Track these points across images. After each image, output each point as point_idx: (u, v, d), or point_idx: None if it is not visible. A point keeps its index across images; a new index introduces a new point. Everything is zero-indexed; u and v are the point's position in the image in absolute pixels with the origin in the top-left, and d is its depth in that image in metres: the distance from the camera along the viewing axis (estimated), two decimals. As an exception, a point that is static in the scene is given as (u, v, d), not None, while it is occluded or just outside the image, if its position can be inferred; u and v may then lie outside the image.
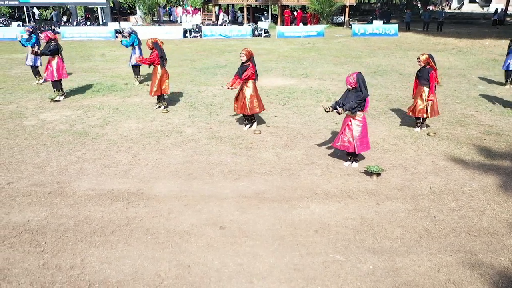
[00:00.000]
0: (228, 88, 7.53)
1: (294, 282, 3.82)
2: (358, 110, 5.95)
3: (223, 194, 5.49)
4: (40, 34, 9.96)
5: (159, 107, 9.35)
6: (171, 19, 40.34)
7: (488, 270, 3.95)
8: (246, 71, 7.43)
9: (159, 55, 8.93)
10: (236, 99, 7.86)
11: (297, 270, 3.98)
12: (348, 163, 6.38)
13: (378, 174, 5.94)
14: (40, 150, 6.88)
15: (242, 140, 7.43)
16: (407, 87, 11.40)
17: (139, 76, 12.14)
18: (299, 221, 4.85)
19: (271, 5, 36.13)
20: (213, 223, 4.78)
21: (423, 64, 7.47)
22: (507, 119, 8.61)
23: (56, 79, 9.85)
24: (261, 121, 8.43)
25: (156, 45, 8.99)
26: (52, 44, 9.68)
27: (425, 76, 7.51)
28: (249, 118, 8.00)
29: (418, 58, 7.54)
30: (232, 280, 3.83)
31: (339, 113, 5.97)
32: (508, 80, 11.62)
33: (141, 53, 11.91)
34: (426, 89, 7.54)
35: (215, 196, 5.41)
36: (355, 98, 5.84)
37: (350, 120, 6.08)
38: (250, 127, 8.00)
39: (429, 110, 7.60)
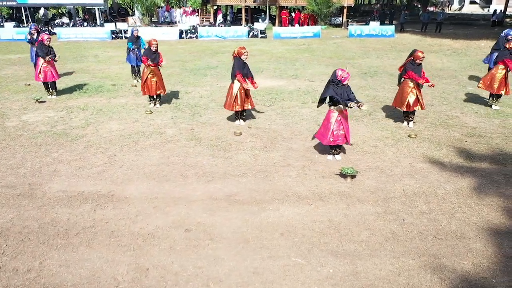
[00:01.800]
0: (256, 87, 7.92)
1: (252, 285, 3.78)
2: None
3: (194, 196, 5.45)
4: (44, 35, 10.05)
5: (155, 104, 9.44)
6: (169, 20, 40.28)
7: (449, 274, 3.90)
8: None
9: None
10: (236, 97, 7.91)
11: (256, 274, 3.94)
12: (331, 156, 6.45)
13: (353, 176, 5.90)
14: (16, 151, 6.86)
15: (222, 141, 7.40)
16: (396, 88, 11.32)
17: (138, 75, 12.21)
18: (267, 223, 4.81)
19: (268, 6, 36.12)
20: (179, 226, 4.74)
21: (420, 62, 7.60)
22: (491, 120, 8.55)
23: (57, 79, 10.36)
24: (243, 122, 8.39)
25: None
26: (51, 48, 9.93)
27: (419, 71, 7.59)
28: (243, 113, 8.37)
29: (423, 56, 7.67)
30: (189, 284, 3.80)
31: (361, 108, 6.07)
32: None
33: (140, 54, 12.05)
34: (414, 83, 7.76)
35: (185, 198, 5.38)
36: (350, 92, 6.13)
37: (339, 116, 6.22)
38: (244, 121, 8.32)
39: (421, 101, 7.86)
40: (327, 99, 6.32)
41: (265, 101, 10.19)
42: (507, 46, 9.01)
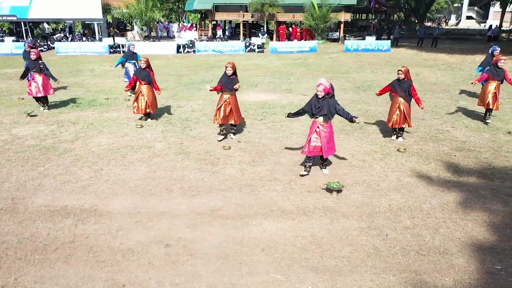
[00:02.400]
0: (211, 90, 7.78)
1: (228, 302, 3.72)
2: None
3: (178, 210, 5.41)
4: (32, 50, 10.08)
5: (146, 119, 9.45)
6: (168, 35, 40.71)
7: (429, 291, 3.84)
8: (237, 83, 7.74)
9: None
10: (219, 110, 7.89)
11: (233, 290, 3.88)
12: (306, 172, 6.44)
13: (339, 191, 5.86)
14: (3, 165, 6.83)
15: (210, 155, 7.38)
16: (389, 102, 11.35)
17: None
18: (248, 239, 4.76)
19: (265, 21, 36.46)
20: (160, 241, 4.70)
21: (403, 76, 7.54)
22: (481, 135, 8.54)
23: (42, 95, 10.23)
24: (234, 136, 8.38)
25: (149, 64, 9.16)
26: (40, 62, 9.91)
27: (406, 88, 7.56)
28: (232, 127, 8.28)
29: (400, 70, 7.58)
30: (164, 301, 3.73)
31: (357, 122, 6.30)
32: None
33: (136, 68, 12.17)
34: (402, 100, 7.58)
35: (169, 213, 5.34)
36: (336, 105, 6.12)
37: (318, 127, 6.13)
38: (224, 138, 8.21)
39: (408, 119, 7.80)
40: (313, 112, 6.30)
41: (257, 115, 10.20)
42: (494, 60, 9.08)
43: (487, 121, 9.31)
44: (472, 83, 9.72)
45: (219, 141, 8.07)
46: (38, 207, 5.44)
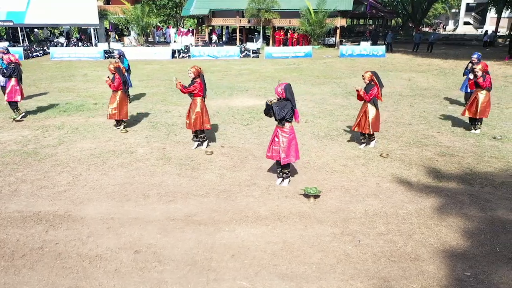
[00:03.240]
0: (177, 84, 7.47)
1: (191, 310, 3.67)
2: (287, 121, 5.93)
3: (151, 216, 5.37)
4: (4, 56, 9.97)
5: (119, 127, 9.31)
6: (165, 40, 40.81)
7: (395, 298, 3.79)
8: (192, 86, 7.48)
9: (121, 80, 8.94)
10: (188, 115, 7.83)
11: (197, 298, 3.83)
12: (280, 180, 6.32)
13: (316, 196, 5.82)
14: (-19, 170, 6.80)
15: (191, 161, 7.34)
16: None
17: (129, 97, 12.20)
18: (219, 245, 4.71)
19: (262, 26, 36.55)
20: (130, 247, 4.65)
21: (367, 81, 7.50)
22: (466, 140, 8.51)
23: (7, 100, 10.02)
24: (217, 142, 8.35)
25: (118, 70, 9.00)
26: (10, 66, 9.79)
27: (368, 91, 7.55)
28: (198, 136, 7.96)
29: (363, 75, 7.56)
30: (126, 308, 3.68)
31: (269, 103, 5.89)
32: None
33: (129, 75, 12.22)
34: (369, 105, 7.58)
35: (142, 219, 5.29)
36: (285, 109, 5.83)
37: (277, 131, 6.06)
38: (199, 145, 7.95)
39: (370, 125, 7.63)
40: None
41: (243, 120, 10.17)
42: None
43: (472, 131, 9.07)
44: (465, 90, 9.46)
45: (193, 148, 7.99)
46: (11, 213, 5.40)
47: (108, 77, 8.94)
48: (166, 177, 6.63)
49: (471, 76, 8.95)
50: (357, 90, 7.60)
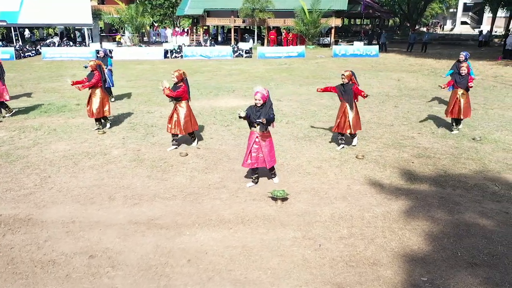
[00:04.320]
0: (163, 89, 7.42)
1: (135, 317, 3.59)
2: (268, 126, 5.95)
3: (114, 220, 5.29)
4: None
5: (98, 128, 9.21)
6: (162, 40, 40.72)
7: (346, 305, 3.71)
8: (181, 89, 7.50)
9: (101, 78, 8.91)
10: (170, 119, 7.78)
11: (144, 304, 3.74)
12: (251, 183, 6.27)
13: (284, 199, 5.74)
14: (-51, 173, 6.71)
15: (164, 162, 7.26)
16: (361, 109, 11.24)
17: (111, 96, 12.17)
18: (178, 249, 4.63)
19: (256, 26, 36.45)
20: (85, 252, 4.57)
21: (347, 80, 7.43)
22: (445, 141, 8.42)
23: None
24: (194, 143, 8.26)
25: (99, 67, 8.95)
26: None
27: (349, 92, 7.47)
28: (190, 136, 8.09)
29: (343, 74, 7.48)
30: (69, 315, 3.60)
31: (261, 123, 5.83)
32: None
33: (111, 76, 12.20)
34: (347, 105, 7.51)
35: (104, 222, 5.21)
36: (270, 113, 5.80)
37: (257, 137, 5.98)
38: (175, 148, 7.95)
39: (351, 125, 7.54)
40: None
41: (224, 121, 10.09)
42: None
43: (453, 131, 9.03)
44: (440, 86, 9.35)
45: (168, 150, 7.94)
46: (-29, 216, 5.31)
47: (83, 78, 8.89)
48: (135, 179, 6.54)
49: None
50: (363, 94, 7.35)
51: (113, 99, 12.18)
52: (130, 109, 11.37)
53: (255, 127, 5.98)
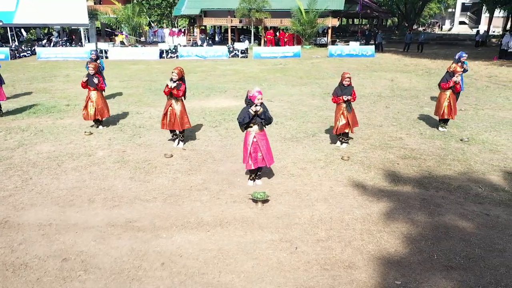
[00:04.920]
0: (170, 88, 7.42)
1: (102, 322, 3.54)
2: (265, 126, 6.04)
3: (91, 222, 5.24)
4: None
5: (97, 126, 9.30)
6: (160, 40, 40.65)
7: (316, 309, 3.66)
8: (181, 88, 7.52)
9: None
10: (164, 116, 7.76)
11: (113, 309, 3.70)
12: (252, 182, 6.25)
13: (264, 201, 5.69)
14: None
15: (148, 164, 7.22)
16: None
17: None
18: (153, 252, 4.59)
19: (253, 26, 36.40)
20: (59, 255, 4.52)
21: (348, 82, 7.50)
22: (432, 142, 8.38)
23: None
24: (180, 144, 8.21)
25: (99, 69, 9.10)
26: None
27: (349, 93, 7.48)
28: (181, 135, 8.09)
29: (349, 77, 7.48)
30: (35, 320, 3.56)
31: (263, 120, 5.96)
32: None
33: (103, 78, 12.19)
34: (345, 106, 7.52)
35: (81, 225, 5.17)
36: (266, 111, 5.91)
37: (255, 137, 5.99)
38: (180, 144, 8.12)
39: (350, 124, 7.70)
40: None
41: (213, 122, 10.05)
42: (450, 69, 8.87)
43: (440, 129, 9.06)
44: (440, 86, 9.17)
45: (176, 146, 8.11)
46: None
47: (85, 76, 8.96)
48: (117, 181, 6.50)
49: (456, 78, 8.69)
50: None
51: None
52: (120, 110, 11.32)
53: (251, 127, 5.94)
